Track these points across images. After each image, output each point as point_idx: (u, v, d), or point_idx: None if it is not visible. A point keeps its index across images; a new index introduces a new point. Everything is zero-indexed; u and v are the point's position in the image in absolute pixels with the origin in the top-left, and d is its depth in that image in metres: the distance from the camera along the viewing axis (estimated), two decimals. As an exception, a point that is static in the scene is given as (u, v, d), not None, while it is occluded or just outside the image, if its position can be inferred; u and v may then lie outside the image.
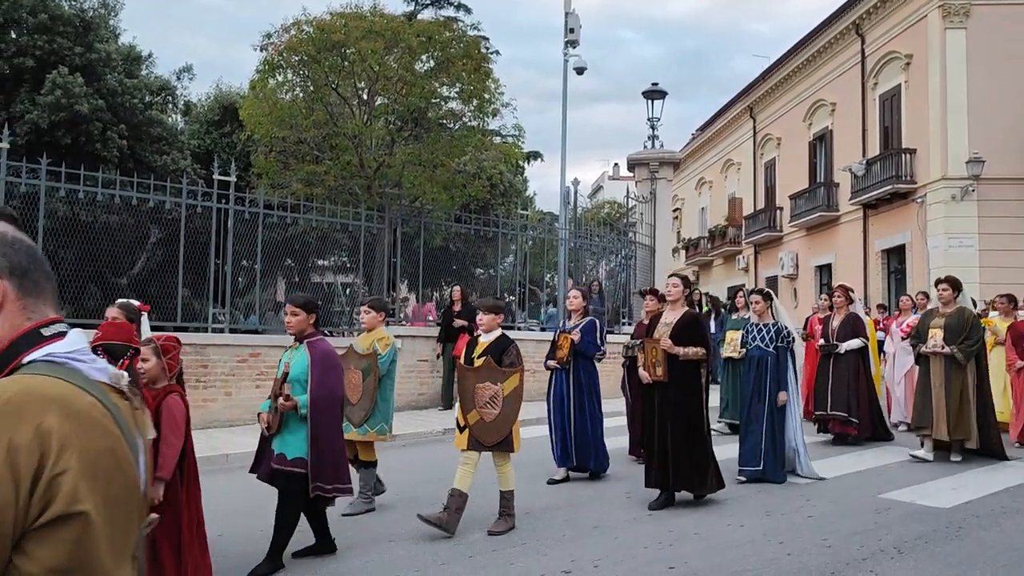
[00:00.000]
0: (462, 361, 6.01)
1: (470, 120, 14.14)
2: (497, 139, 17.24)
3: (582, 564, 4.98)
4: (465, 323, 11.66)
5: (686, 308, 6.52)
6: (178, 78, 19.08)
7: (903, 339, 10.01)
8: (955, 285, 8.34)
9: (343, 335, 12.76)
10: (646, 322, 7.61)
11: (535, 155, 27.72)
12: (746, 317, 8.96)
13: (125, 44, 16.93)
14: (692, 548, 5.30)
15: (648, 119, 18.55)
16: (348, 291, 16.91)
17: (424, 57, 13.26)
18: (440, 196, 13.88)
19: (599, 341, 7.57)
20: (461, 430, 5.68)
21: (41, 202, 9.69)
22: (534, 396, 10.65)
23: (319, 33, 12.32)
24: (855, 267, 23.94)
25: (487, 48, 14.11)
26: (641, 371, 6.49)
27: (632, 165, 18.41)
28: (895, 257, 22.98)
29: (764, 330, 7.55)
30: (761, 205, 31.09)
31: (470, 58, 13.09)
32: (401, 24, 12.96)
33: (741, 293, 10.65)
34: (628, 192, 18.61)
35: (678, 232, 38.59)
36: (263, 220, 11.53)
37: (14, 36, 14.45)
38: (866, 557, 5.07)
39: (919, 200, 21.15)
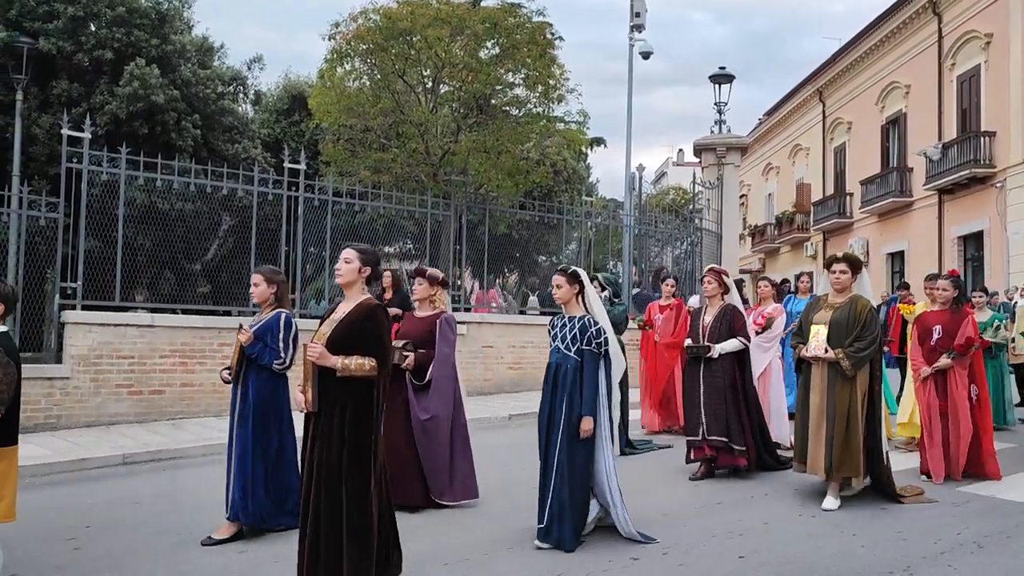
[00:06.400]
0: None
1: (535, 106, 14.13)
2: (561, 125, 17.19)
3: (650, 551, 4.96)
4: (399, 312, 10.48)
5: (365, 295, 4.14)
6: (249, 68, 19.51)
7: (757, 333, 7.93)
8: (855, 265, 6.18)
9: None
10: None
11: (598, 141, 27.52)
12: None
13: (198, 36, 17.36)
14: (762, 538, 5.24)
15: (715, 103, 18.28)
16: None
17: (489, 44, 13.28)
18: (504, 183, 13.92)
19: (281, 344, 5.28)
20: None
21: (121, 190, 10.04)
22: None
23: (386, 21, 12.45)
24: (929, 254, 23.24)
25: (552, 34, 14.02)
26: (295, 393, 4.19)
27: (698, 150, 18.17)
28: (972, 244, 22.25)
29: (567, 327, 5.20)
30: (830, 191, 30.40)
31: (535, 44, 13.07)
32: (467, 11, 13.00)
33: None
34: (694, 178, 18.37)
35: (744, 219, 37.94)
36: (331, 207, 11.73)
37: (93, 29, 14.93)
38: (944, 551, 4.94)
39: (999, 185, 20.42)
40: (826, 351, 5.98)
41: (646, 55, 16.16)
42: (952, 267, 22.42)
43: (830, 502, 5.95)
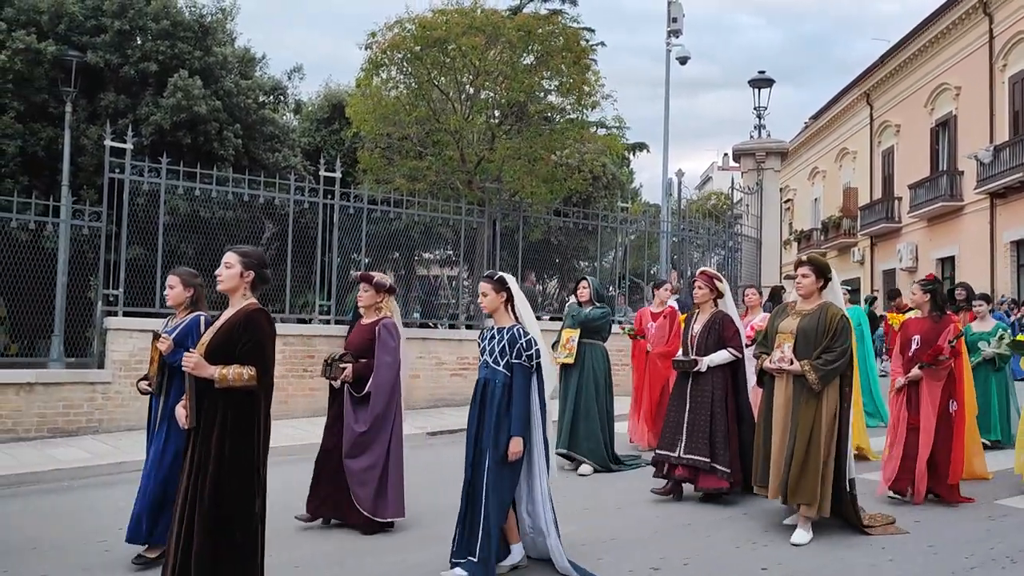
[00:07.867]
0: None
1: (570, 113, 14.11)
2: (603, 131, 17.14)
3: (672, 561, 4.91)
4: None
5: (248, 300, 3.88)
6: (289, 78, 19.72)
7: (748, 345, 7.00)
8: (821, 270, 5.62)
9: (445, 327, 12.99)
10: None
11: (641, 146, 27.39)
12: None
13: (240, 47, 17.64)
14: (787, 549, 5.15)
15: (754, 108, 18.09)
16: (452, 284, 17.19)
17: (524, 51, 13.30)
18: (539, 189, 13.92)
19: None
20: None
21: (161, 199, 10.29)
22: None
23: (421, 30, 12.54)
24: (981, 259, 22.66)
25: (587, 40, 13.99)
26: (178, 408, 3.85)
27: (738, 155, 18.02)
28: (1025, 249, 21.66)
29: (496, 339, 4.72)
30: (878, 195, 29.84)
31: (570, 51, 13.06)
32: (501, 19, 13.04)
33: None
34: (733, 183, 18.19)
35: (790, 224, 37.42)
36: (367, 215, 11.86)
37: (140, 42, 15.28)
38: (975, 566, 4.81)
39: (1053, 188, 19.86)
40: (791, 363, 5.40)
41: (683, 60, 16.13)
42: (1005, 273, 21.84)
43: (801, 536, 5.28)
